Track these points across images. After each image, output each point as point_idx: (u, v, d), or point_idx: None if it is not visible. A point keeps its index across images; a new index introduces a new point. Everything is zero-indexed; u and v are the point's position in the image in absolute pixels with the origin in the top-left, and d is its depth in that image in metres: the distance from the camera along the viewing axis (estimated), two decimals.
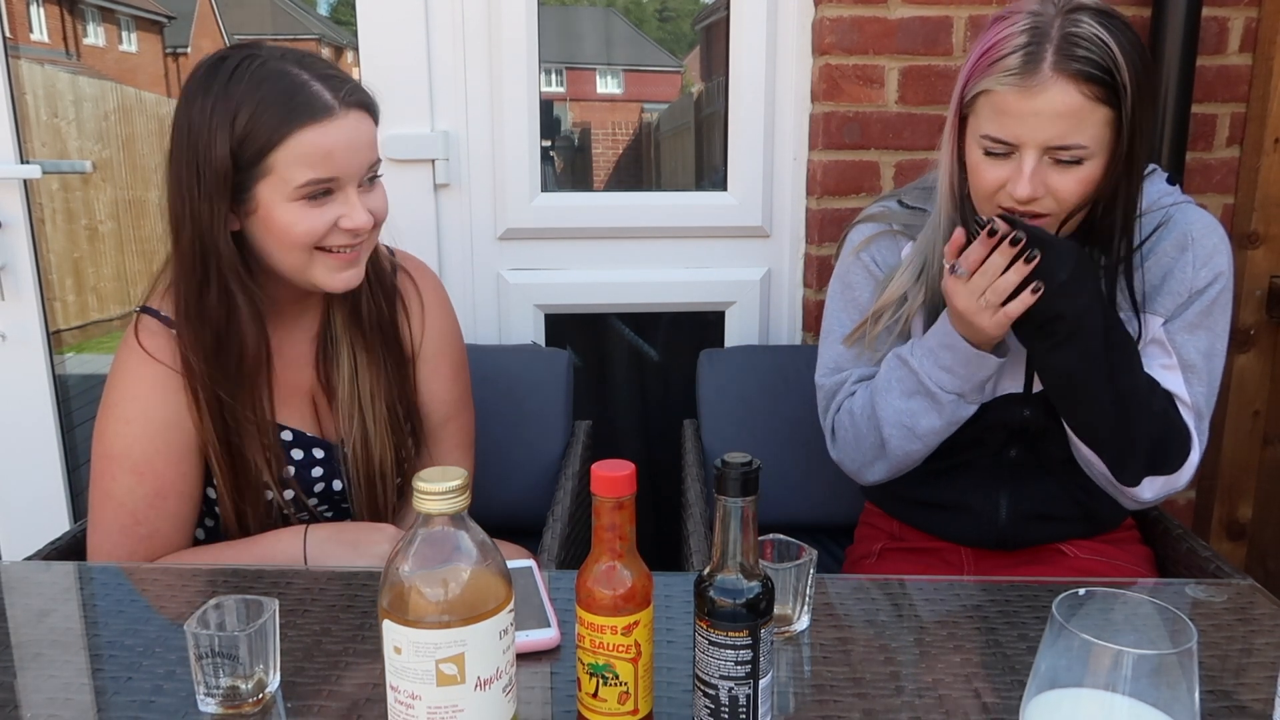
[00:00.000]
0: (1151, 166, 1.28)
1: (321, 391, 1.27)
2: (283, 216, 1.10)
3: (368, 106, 1.15)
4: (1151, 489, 1.25)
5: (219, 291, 1.12)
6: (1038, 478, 1.33)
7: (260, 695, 0.83)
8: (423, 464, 1.36)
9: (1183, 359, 1.24)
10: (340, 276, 1.16)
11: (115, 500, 1.16)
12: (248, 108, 1.06)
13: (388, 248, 1.34)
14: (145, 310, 1.20)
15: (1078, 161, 1.12)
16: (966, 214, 1.24)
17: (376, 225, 1.19)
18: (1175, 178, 1.31)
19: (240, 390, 1.17)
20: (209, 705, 0.82)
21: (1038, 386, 1.28)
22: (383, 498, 1.29)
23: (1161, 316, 1.25)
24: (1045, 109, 1.09)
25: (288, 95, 1.08)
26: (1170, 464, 1.24)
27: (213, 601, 0.84)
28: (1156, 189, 1.27)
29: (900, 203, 1.39)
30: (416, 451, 1.35)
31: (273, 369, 1.21)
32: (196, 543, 1.26)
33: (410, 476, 1.34)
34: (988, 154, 1.16)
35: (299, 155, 1.08)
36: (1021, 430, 1.30)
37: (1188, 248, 1.23)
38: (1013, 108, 1.11)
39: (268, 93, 1.07)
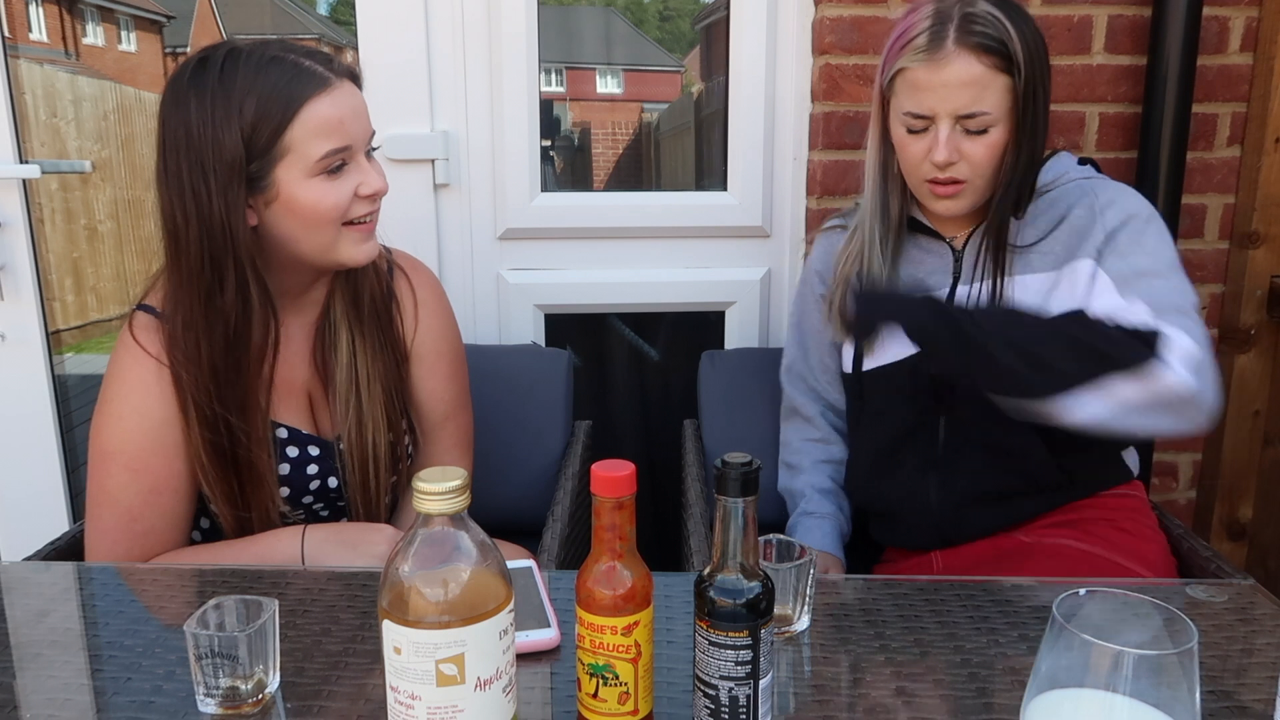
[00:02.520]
0: (1062, 151, 1.39)
1: (319, 387, 1.27)
2: (307, 194, 1.12)
3: (355, 77, 1.19)
4: (1124, 392, 1.11)
5: (236, 287, 1.12)
6: (966, 456, 1.33)
7: (260, 695, 0.83)
8: (420, 464, 1.36)
9: (1117, 276, 1.25)
10: (363, 249, 1.19)
11: (111, 497, 1.16)
12: (253, 95, 1.08)
13: (384, 246, 1.34)
14: (141, 308, 1.20)
15: (984, 129, 1.24)
16: (891, 191, 1.38)
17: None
18: (1087, 160, 1.40)
19: (243, 388, 1.17)
20: (209, 706, 0.82)
21: None
22: (375, 486, 1.29)
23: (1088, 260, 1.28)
24: (951, 79, 1.22)
25: (288, 75, 1.10)
26: (1122, 362, 1.11)
27: (212, 602, 0.84)
28: (1064, 165, 1.36)
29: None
30: (413, 449, 1.35)
31: (275, 364, 1.21)
32: (193, 543, 1.26)
33: (406, 474, 1.34)
34: (910, 131, 1.28)
35: (313, 128, 1.10)
36: (936, 391, 1.33)
37: (1093, 205, 1.30)
38: (924, 81, 1.24)
39: (267, 78, 1.09)
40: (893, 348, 1.37)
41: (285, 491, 1.24)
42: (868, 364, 1.41)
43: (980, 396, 1.22)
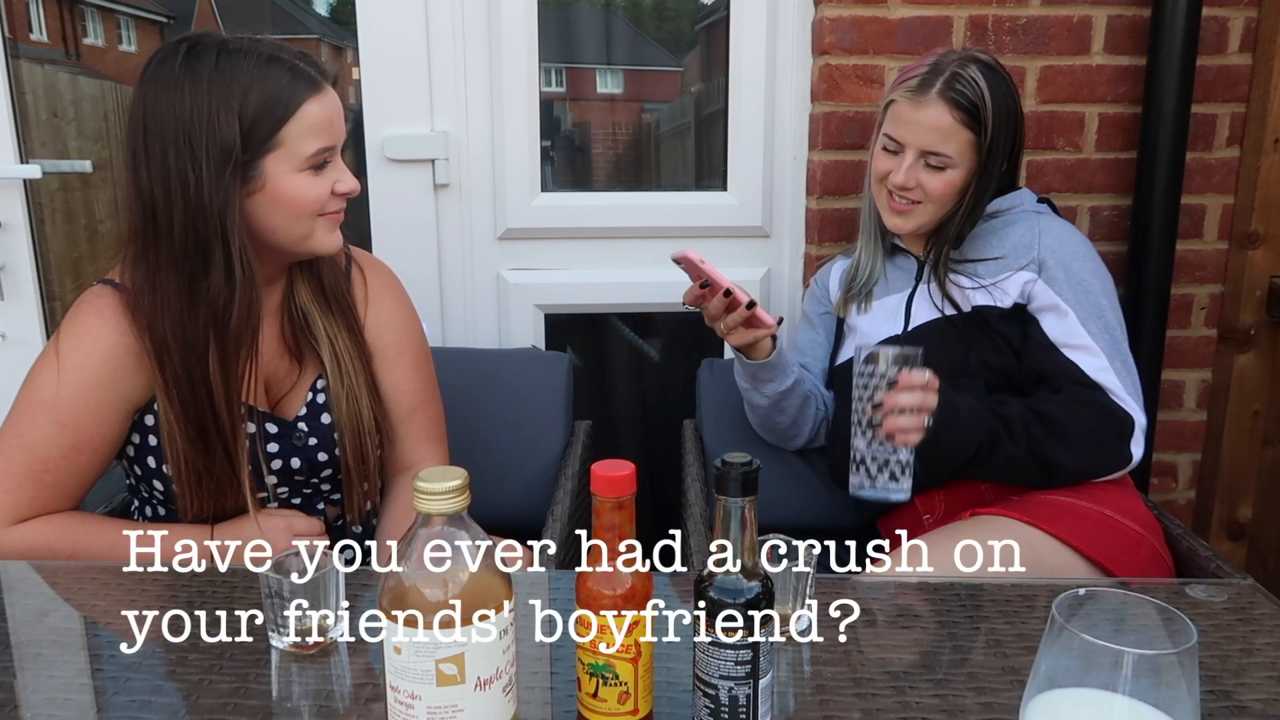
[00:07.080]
0: (1025, 189, 1.57)
1: (282, 370, 1.28)
2: (294, 187, 1.16)
3: (337, 81, 1.24)
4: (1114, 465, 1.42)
5: (224, 271, 1.14)
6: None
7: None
8: (394, 457, 1.37)
9: (1075, 304, 1.42)
10: (334, 237, 1.24)
11: (29, 444, 1.17)
12: (256, 89, 1.12)
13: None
14: (104, 282, 1.21)
15: (943, 168, 1.45)
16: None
17: None
18: (1046, 200, 1.59)
19: (226, 369, 1.18)
20: (280, 644, 0.90)
21: (910, 324, 1.55)
22: (365, 446, 1.30)
23: (1025, 273, 1.46)
24: (925, 121, 1.44)
25: (288, 74, 1.14)
26: (1104, 468, 1.41)
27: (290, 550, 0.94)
28: (1022, 198, 1.54)
29: None
30: (388, 439, 1.36)
31: (255, 346, 1.23)
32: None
33: (386, 466, 1.36)
34: (884, 150, 1.51)
35: (308, 126, 1.15)
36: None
37: (1033, 228, 1.49)
38: (904, 116, 1.46)
39: (269, 74, 1.13)
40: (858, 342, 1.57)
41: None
42: (840, 359, 1.64)
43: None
